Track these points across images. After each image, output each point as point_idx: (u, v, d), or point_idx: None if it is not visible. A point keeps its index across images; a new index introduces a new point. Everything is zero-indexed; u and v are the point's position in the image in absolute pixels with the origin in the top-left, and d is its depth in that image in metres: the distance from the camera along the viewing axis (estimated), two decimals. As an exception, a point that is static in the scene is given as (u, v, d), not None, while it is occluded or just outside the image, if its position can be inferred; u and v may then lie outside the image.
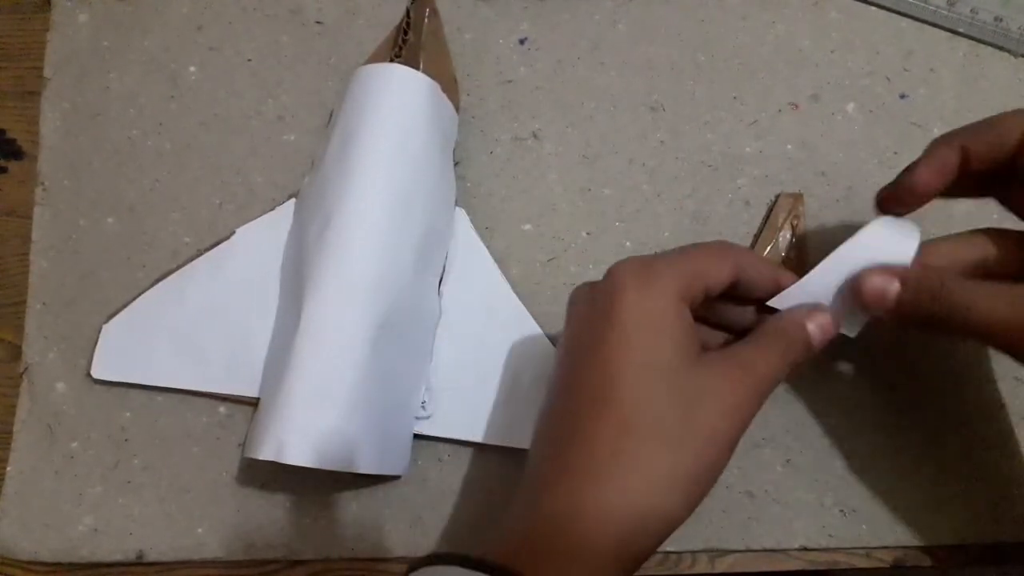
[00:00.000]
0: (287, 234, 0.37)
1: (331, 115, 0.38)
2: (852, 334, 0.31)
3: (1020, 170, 0.29)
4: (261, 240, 0.37)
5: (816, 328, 0.29)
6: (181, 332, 0.35)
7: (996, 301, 0.27)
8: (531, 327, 0.36)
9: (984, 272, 0.31)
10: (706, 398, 0.27)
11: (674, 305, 0.27)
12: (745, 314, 0.31)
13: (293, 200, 0.37)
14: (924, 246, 0.30)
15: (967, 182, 0.31)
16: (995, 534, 0.35)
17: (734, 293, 0.29)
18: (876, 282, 0.28)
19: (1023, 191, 0.31)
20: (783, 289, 0.30)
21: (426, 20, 0.38)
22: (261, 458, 0.30)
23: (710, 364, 0.27)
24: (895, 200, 0.31)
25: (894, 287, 0.28)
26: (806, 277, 0.30)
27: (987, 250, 0.31)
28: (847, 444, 0.36)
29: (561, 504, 0.26)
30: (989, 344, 0.28)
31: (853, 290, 0.29)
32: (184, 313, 0.36)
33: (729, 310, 0.31)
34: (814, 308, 0.29)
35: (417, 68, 0.36)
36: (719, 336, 0.31)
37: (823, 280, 0.30)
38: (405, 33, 0.37)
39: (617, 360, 0.27)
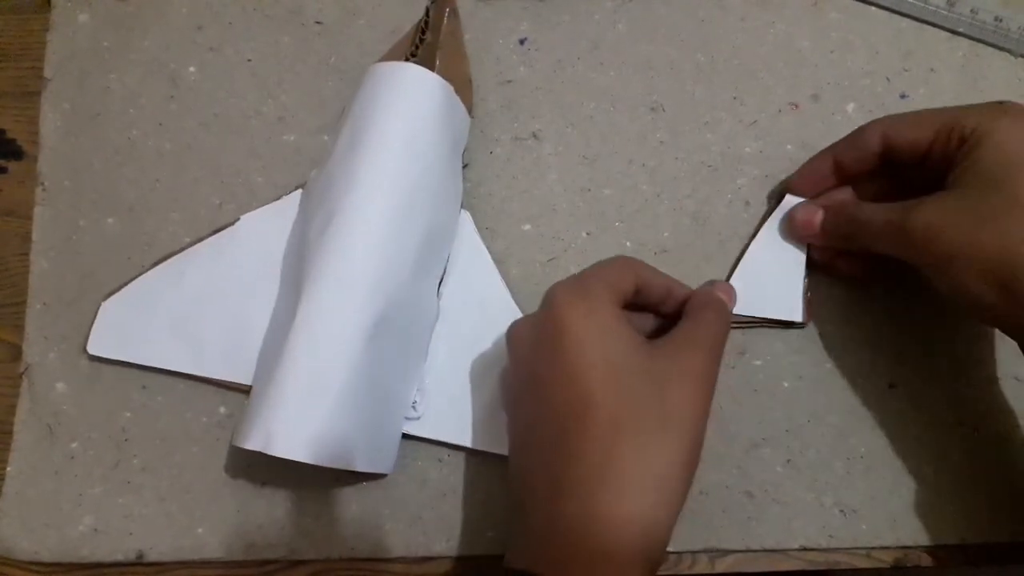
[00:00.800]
0: (291, 225, 0.37)
1: (343, 110, 0.38)
2: (799, 318, 0.36)
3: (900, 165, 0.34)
4: (265, 229, 0.37)
5: (723, 294, 0.34)
6: (179, 315, 0.35)
7: (888, 213, 0.32)
8: None
9: None
10: (672, 377, 0.29)
11: (613, 309, 0.30)
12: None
13: (299, 191, 0.37)
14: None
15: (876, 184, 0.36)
16: (995, 534, 0.35)
17: (635, 300, 0.33)
18: (804, 213, 0.36)
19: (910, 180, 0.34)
20: (675, 296, 0.33)
21: (445, 20, 0.38)
22: (248, 448, 0.30)
23: (664, 348, 0.30)
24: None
25: (819, 215, 0.35)
26: (736, 272, 0.37)
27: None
28: (847, 444, 0.36)
29: (575, 517, 0.27)
30: (889, 251, 0.32)
31: (787, 223, 0.36)
32: (183, 296, 0.36)
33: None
34: (713, 282, 0.36)
35: (432, 68, 0.36)
36: (647, 321, 0.34)
37: (753, 270, 0.37)
38: (423, 32, 0.37)
39: (583, 370, 0.29)
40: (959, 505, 0.35)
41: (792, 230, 0.36)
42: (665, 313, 0.34)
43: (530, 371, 0.31)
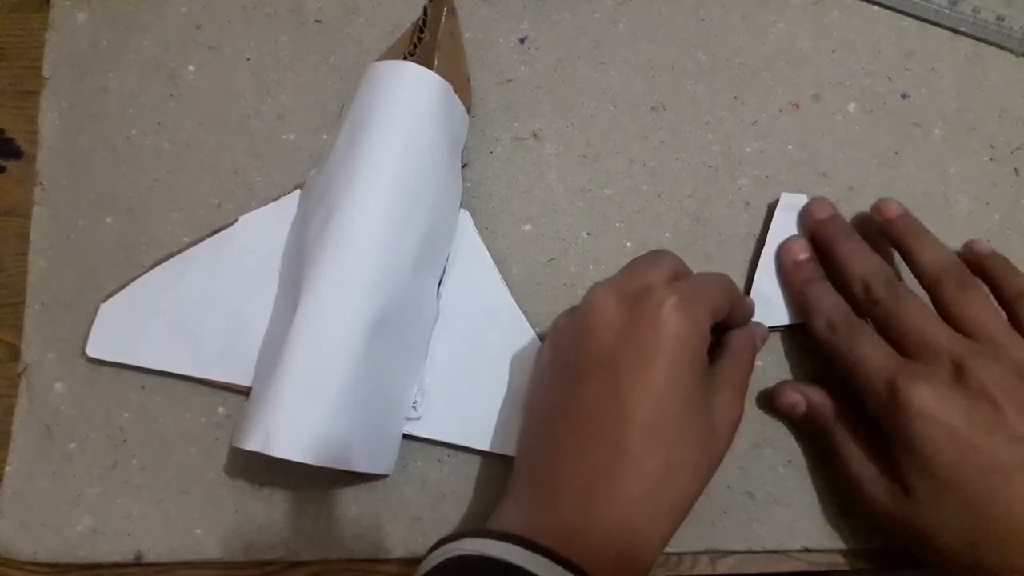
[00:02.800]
0: (290, 225, 0.36)
1: (342, 108, 0.38)
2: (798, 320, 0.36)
3: None
4: (263, 229, 0.37)
5: (760, 341, 0.35)
6: (177, 316, 0.35)
7: (868, 480, 0.32)
8: (528, 334, 0.36)
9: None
10: (715, 409, 0.31)
11: (704, 333, 0.30)
12: None
13: (298, 191, 0.37)
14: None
15: None
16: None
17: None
18: (789, 398, 0.35)
19: None
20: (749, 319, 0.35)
21: (443, 19, 0.38)
22: (248, 448, 0.30)
23: (712, 379, 0.31)
24: None
25: (801, 408, 0.34)
26: (754, 286, 0.37)
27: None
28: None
29: (614, 523, 0.28)
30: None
31: (773, 396, 0.35)
32: (182, 297, 0.36)
33: None
34: (757, 325, 0.35)
35: (431, 67, 0.35)
36: None
37: (766, 280, 0.37)
38: (421, 31, 0.37)
39: (668, 392, 0.29)
40: (961, 506, 0.35)
41: (777, 404, 0.35)
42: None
43: (611, 354, 0.29)
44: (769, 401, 0.36)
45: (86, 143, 0.39)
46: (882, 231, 0.36)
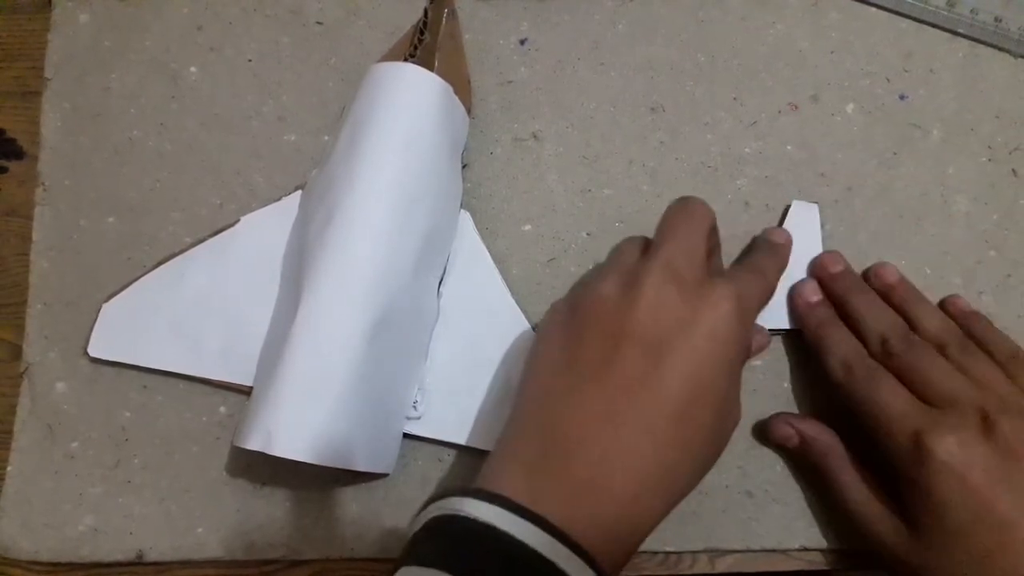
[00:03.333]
0: (291, 225, 0.37)
1: (343, 109, 0.38)
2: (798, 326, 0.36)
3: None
4: (265, 230, 0.37)
5: (758, 348, 0.36)
6: (179, 316, 0.35)
7: (874, 519, 0.32)
8: (528, 335, 0.36)
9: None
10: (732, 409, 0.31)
11: (750, 340, 0.32)
12: None
13: (299, 192, 0.37)
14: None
15: None
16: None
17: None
18: (782, 431, 0.35)
19: None
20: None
21: (444, 21, 0.38)
22: (249, 448, 0.30)
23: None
24: None
25: (794, 441, 0.35)
26: None
27: None
28: (848, 444, 0.36)
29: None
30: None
31: (766, 429, 0.35)
32: (183, 298, 0.36)
33: None
34: (758, 331, 0.35)
35: (431, 69, 0.36)
36: None
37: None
38: (422, 33, 0.37)
39: (708, 376, 0.29)
40: (959, 505, 0.35)
41: (770, 436, 0.35)
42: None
43: (664, 337, 0.29)
44: (767, 400, 0.36)
45: (88, 144, 0.39)
46: (882, 295, 0.36)
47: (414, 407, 0.34)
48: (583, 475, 0.27)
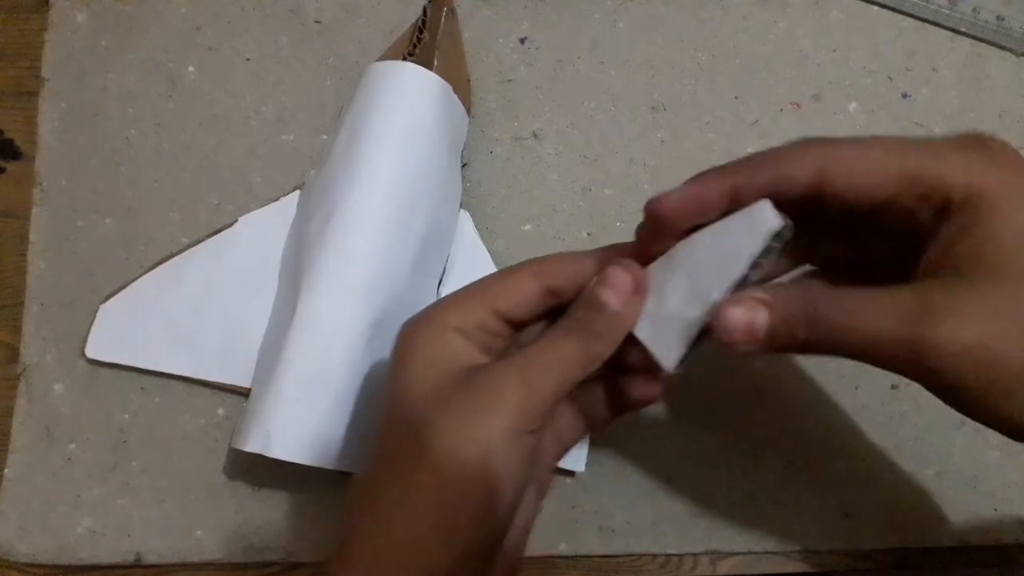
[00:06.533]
0: (289, 225, 0.36)
1: (341, 109, 0.38)
2: (668, 366, 0.25)
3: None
4: (263, 230, 0.37)
5: (616, 295, 0.25)
6: (177, 317, 0.35)
7: (881, 317, 0.22)
8: None
9: None
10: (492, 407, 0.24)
11: (443, 336, 0.26)
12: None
13: (298, 192, 0.37)
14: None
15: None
16: (996, 535, 0.35)
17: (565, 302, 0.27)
18: (739, 315, 0.23)
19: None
20: (602, 270, 0.26)
21: (443, 20, 0.38)
22: (247, 450, 0.30)
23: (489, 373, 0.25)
24: (643, 235, 0.27)
25: (762, 316, 0.23)
26: (669, 252, 0.26)
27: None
28: (848, 445, 0.35)
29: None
30: (889, 369, 0.23)
31: (714, 331, 0.23)
32: (181, 298, 0.36)
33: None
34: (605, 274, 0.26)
35: (431, 68, 0.35)
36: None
37: (689, 256, 0.25)
38: (421, 31, 0.37)
39: (410, 396, 0.25)
40: (961, 507, 0.35)
41: (722, 338, 0.23)
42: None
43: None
44: (768, 401, 0.36)
45: (85, 144, 0.39)
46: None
47: (413, 408, 0.34)
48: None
